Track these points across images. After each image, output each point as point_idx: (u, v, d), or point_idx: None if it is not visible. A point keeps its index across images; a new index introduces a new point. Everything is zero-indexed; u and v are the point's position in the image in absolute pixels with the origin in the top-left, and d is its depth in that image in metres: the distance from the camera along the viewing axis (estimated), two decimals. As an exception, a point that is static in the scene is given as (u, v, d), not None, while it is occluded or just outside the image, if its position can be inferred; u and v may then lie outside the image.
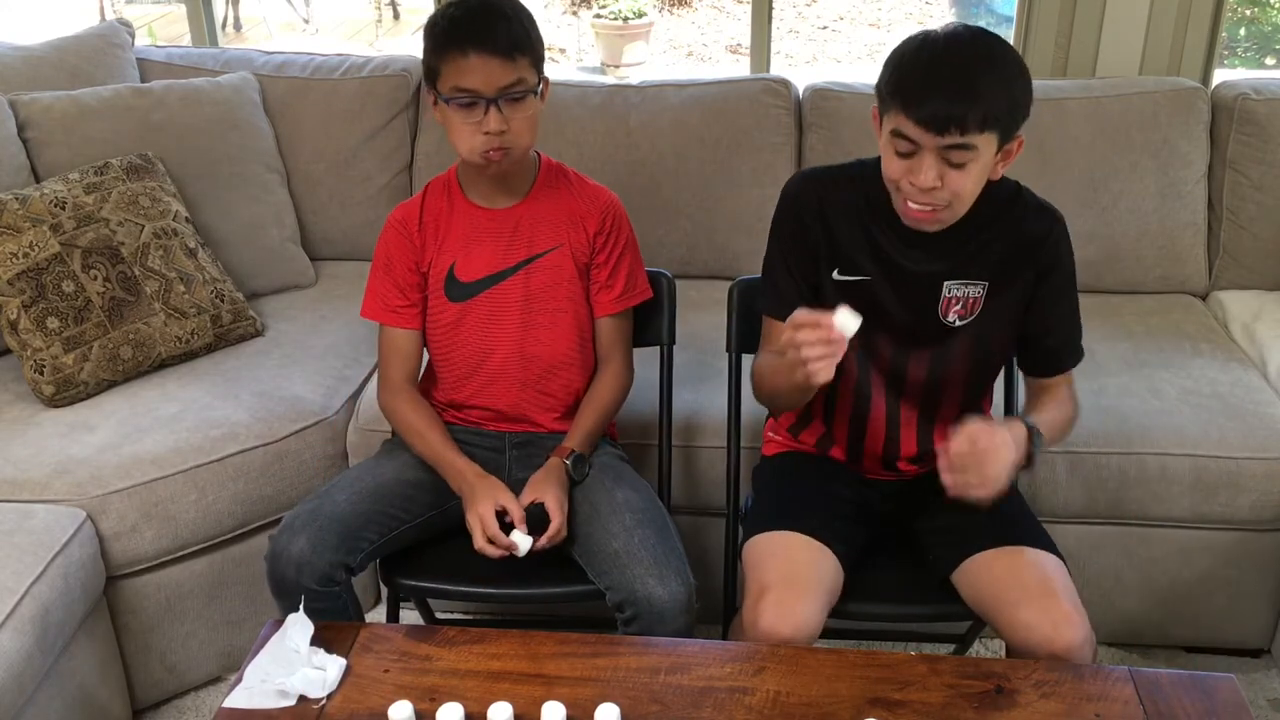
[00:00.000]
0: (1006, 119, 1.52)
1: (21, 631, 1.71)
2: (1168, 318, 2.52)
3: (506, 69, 1.69)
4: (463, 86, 1.70)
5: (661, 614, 1.66)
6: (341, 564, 1.71)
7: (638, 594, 1.66)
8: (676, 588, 1.67)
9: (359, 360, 2.41)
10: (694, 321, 2.34)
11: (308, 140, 2.75)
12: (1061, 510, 2.14)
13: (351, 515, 1.74)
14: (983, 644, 2.26)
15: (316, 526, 1.70)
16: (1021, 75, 1.54)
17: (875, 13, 7.98)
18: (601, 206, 1.90)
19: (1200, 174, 2.60)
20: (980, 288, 1.69)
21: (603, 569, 1.71)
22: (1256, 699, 2.16)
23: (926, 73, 1.51)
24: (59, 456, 2.03)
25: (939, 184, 1.54)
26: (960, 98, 1.48)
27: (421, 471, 1.86)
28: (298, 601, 1.57)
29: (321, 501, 1.76)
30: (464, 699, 1.40)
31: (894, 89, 1.54)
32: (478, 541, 1.73)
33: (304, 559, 1.67)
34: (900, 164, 1.56)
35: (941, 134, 1.49)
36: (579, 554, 1.77)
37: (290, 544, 1.68)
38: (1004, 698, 1.44)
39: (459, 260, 1.87)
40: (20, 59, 2.62)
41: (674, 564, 1.70)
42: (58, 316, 2.16)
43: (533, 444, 1.91)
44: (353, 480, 1.83)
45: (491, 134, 1.71)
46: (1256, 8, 6.70)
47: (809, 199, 1.73)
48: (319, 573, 1.68)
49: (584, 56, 7.25)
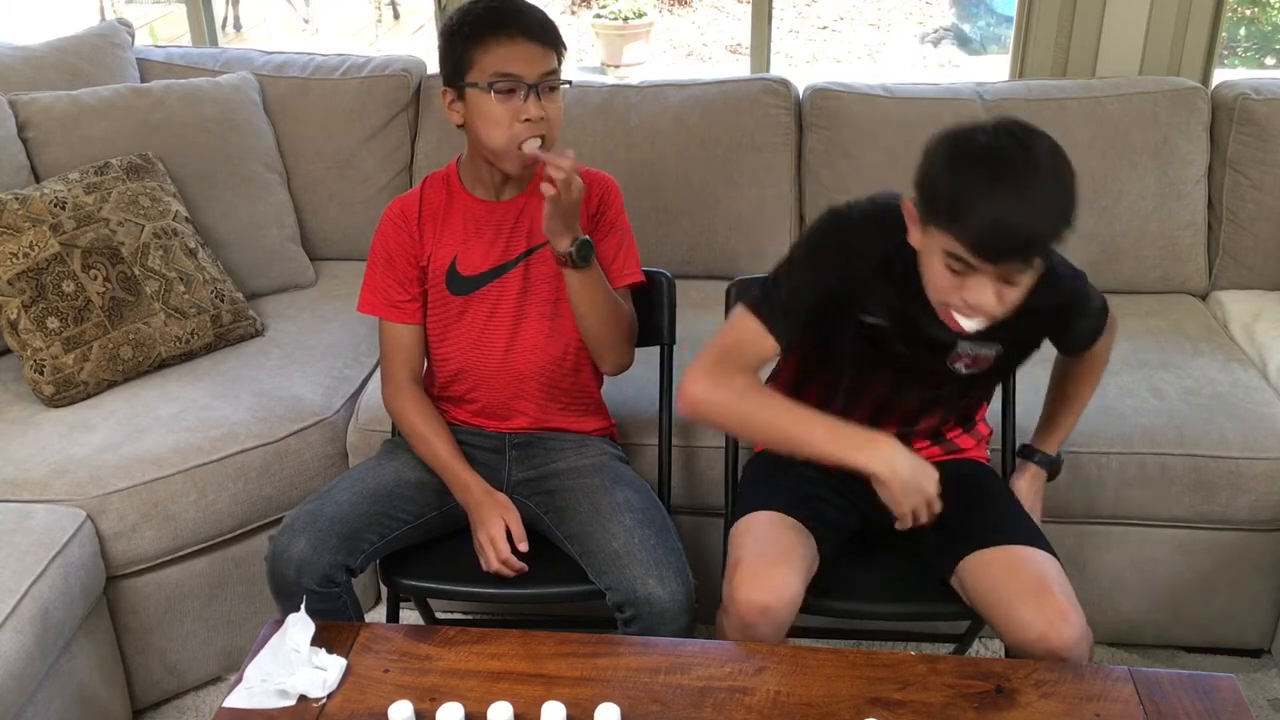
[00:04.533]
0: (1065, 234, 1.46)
1: (21, 631, 1.71)
2: (1168, 318, 2.52)
3: (546, 56, 1.72)
4: (505, 71, 1.69)
5: (662, 614, 1.66)
6: (342, 565, 1.71)
7: (638, 594, 1.66)
8: (676, 588, 1.67)
9: (359, 360, 2.41)
10: (694, 321, 2.33)
11: (308, 140, 2.75)
12: (1061, 510, 2.13)
13: (352, 516, 1.74)
14: (983, 644, 2.26)
15: (317, 527, 1.70)
16: (1074, 183, 1.46)
17: (875, 13, 7.98)
18: (598, 186, 1.89)
19: (1200, 174, 2.60)
20: (994, 349, 1.67)
21: (603, 569, 1.71)
22: (1256, 699, 2.16)
23: (992, 208, 1.40)
24: (59, 456, 2.03)
25: (996, 303, 1.48)
26: (1031, 240, 1.42)
27: (422, 472, 1.86)
28: (298, 602, 1.57)
29: (323, 502, 1.76)
30: (464, 699, 1.40)
31: (951, 214, 1.44)
32: (491, 564, 1.76)
33: (304, 560, 1.68)
34: (950, 280, 1.48)
35: (1003, 263, 1.43)
36: (579, 554, 1.77)
37: (291, 545, 1.68)
38: (1004, 698, 1.44)
39: (460, 254, 1.86)
40: (20, 59, 2.63)
41: (674, 564, 1.70)
42: (58, 316, 2.16)
43: (533, 444, 1.91)
44: (354, 481, 1.82)
45: (532, 121, 1.71)
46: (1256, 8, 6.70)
47: (854, 241, 1.64)
48: (319, 573, 1.68)
49: (584, 56, 7.25)
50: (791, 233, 2.68)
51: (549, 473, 1.88)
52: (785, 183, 2.66)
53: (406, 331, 1.89)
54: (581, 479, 1.84)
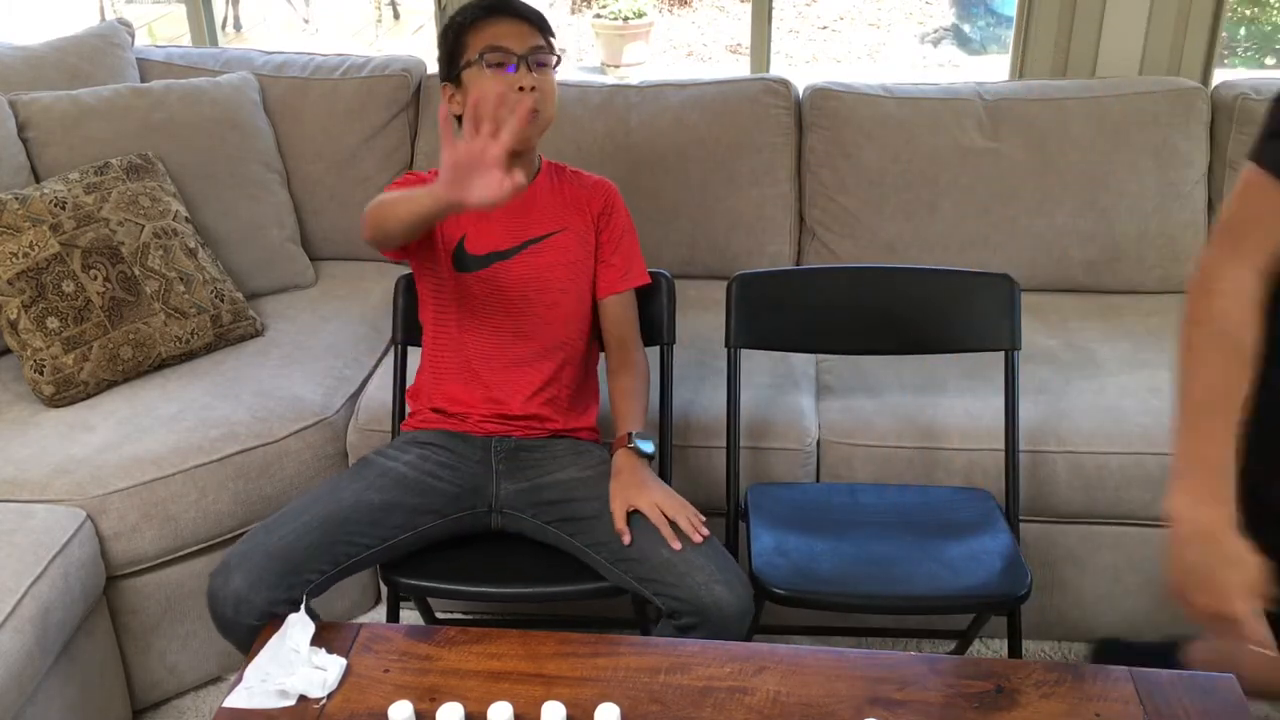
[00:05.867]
0: None
1: (21, 631, 1.71)
2: (1168, 318, 2.52)
3: (534, 34, 1.84)
4: (496, 45, 1.80)
5: (729, 619, 1.65)
6: (283, 600, 1.63)
7: (704, 601, 1.64)
8: (743, 592, 1.67)
9: (359, 360, 2.41)
10: (694, 321, 2.34)
11: (308, 140, 2.75)
12: (1062, 510, 2.14)
13: (294, 549, 1.67)
14: (983, 644, 2.27)
15: (252, 563, 1.64)
16: None
17: (875, 13, 7.97)
18: (602, 190, 1.98)
19: (1200, 174, 2.60)
20: None
21: (651, 575, 1.68)
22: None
23: None
24: (59, 456, 2.03)
25: None
26: None
27: (389, 493, 1.80)
28: (244, 637, 1.59)
29: (265, 537, 1.69)
30: (464, 699, 1.40)
31: None
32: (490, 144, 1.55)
33: (241, 597, 1.62)
34: None
35: None
36: (611, 561, 1.74)
37: (227, 583, 1.63)
38: (1004, 698, 1.44)
39: (469, 233, 1.89)
40: (20, 59, 2.62)
41: (732, 566, 1.70)
42: (58, 316, 2.16)
43: (520, 454, 1.90)
44: (301, 510, 1.75)
45: (525, 90, 1.79)
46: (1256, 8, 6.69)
47: None
48: (257, 610, 1.62)
49: (584, 56, 7.25)
50: (791, 233, 2.68)
51: (545, 484, 1.86)
52: (785, 183, 2.66)
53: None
54: (597, 488, 1.80)
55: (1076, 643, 2.28)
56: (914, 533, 1.91)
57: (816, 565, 1.83)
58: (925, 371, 2.28)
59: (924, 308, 2.05)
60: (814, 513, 1.98)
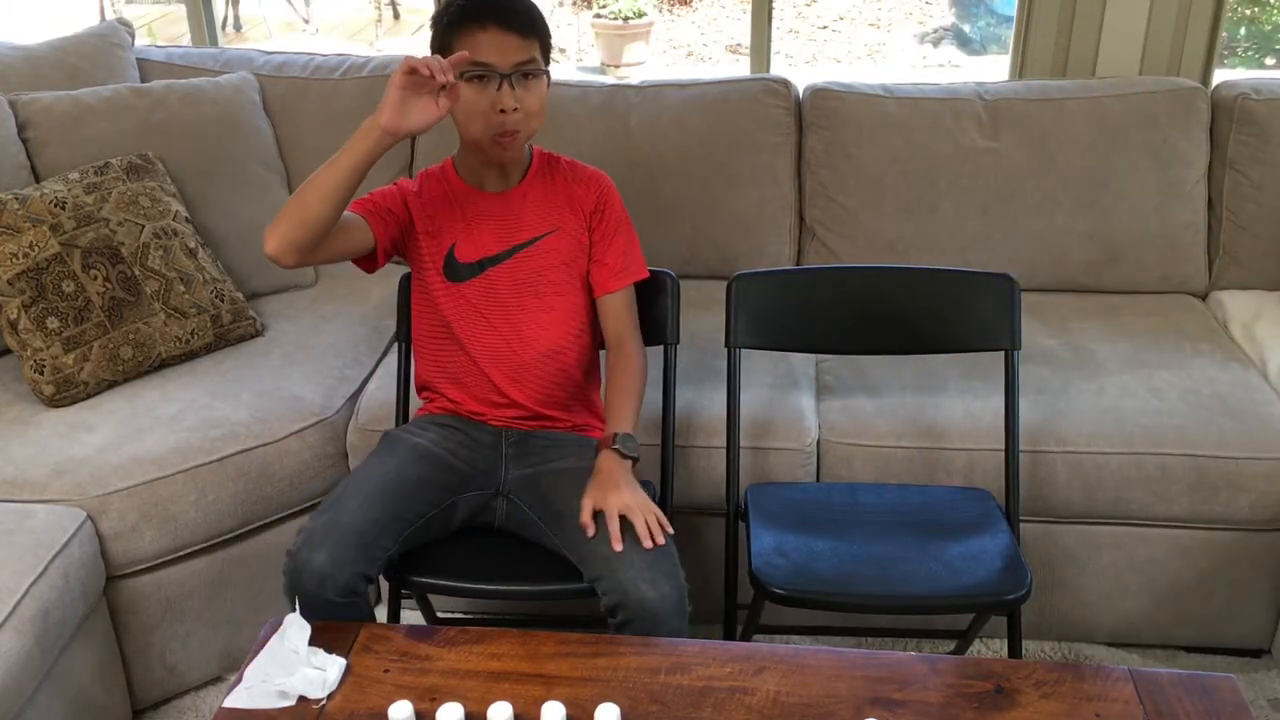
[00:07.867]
0: None
1: (21, 631, 1.71)
2: (1168, 318, 2.52)
3: (521, 46, 1.75)
4: (478, 60, 1.73)
5: (654, 616, 1.65)
6: (362, 575, 1.68)
7: (630, 597, 1.65)
8: (668, 590, 1.66)
9: (359, 360, 2.41)
10: (694, 321, 2.34)
11: (308, 140, 2.74)
12: (1061, 510, 2.14)
13: (366, 524, 1.72)
14: (983, 644, 2.27)
15: (335, 539, 1.68)
16: None
17: (875, 13, 7.98)
18: (595, 185, 1.95)
19: (1200, 174, 2.60)
20: None
21: (597, 572, 1.71)
22: (1256, 699, 2.16)
23: None
24: (59, 456, 2.03)
25: None
26: None
27: (422, 467, 1.85)
28: (331, 613, 1.60)
29: (337, 513, 1.72)
30: (464, 699, 1.40)
31: None
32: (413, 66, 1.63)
33: (326, 573, 1.65)
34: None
35: None
36: (577, 560, 1.76)
37: (311, 559, 1.65)
38: (1004, 698, 1.44)
39: (459, 241, 1.88)
40: (20, 59, 2.62)
41: (665, 566, 1.68)
42: (58, 316, 2.16)
43: (529, 441, 1.92)
44: (360, 485, 1.79)
45: (506, 112, 1.74)
46: (1256, 8, 6.69)
47: None
48: (341, 585, 1.65)
49: (584, 56, 7.25)
50: (792, 232, 2.68)
51: (545, 471, 1.88)
52: (785, 183, 2.66)
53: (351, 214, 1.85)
54: (578, 482, 1.82)
55: (1077, 643, 2.28)
56: (914, 533, 1.91)
57: (816, 565, 1.83)
58: (925, 371, 2.28)
59: (924, 308, 2.05)
60: (814, 513, 1.98)
